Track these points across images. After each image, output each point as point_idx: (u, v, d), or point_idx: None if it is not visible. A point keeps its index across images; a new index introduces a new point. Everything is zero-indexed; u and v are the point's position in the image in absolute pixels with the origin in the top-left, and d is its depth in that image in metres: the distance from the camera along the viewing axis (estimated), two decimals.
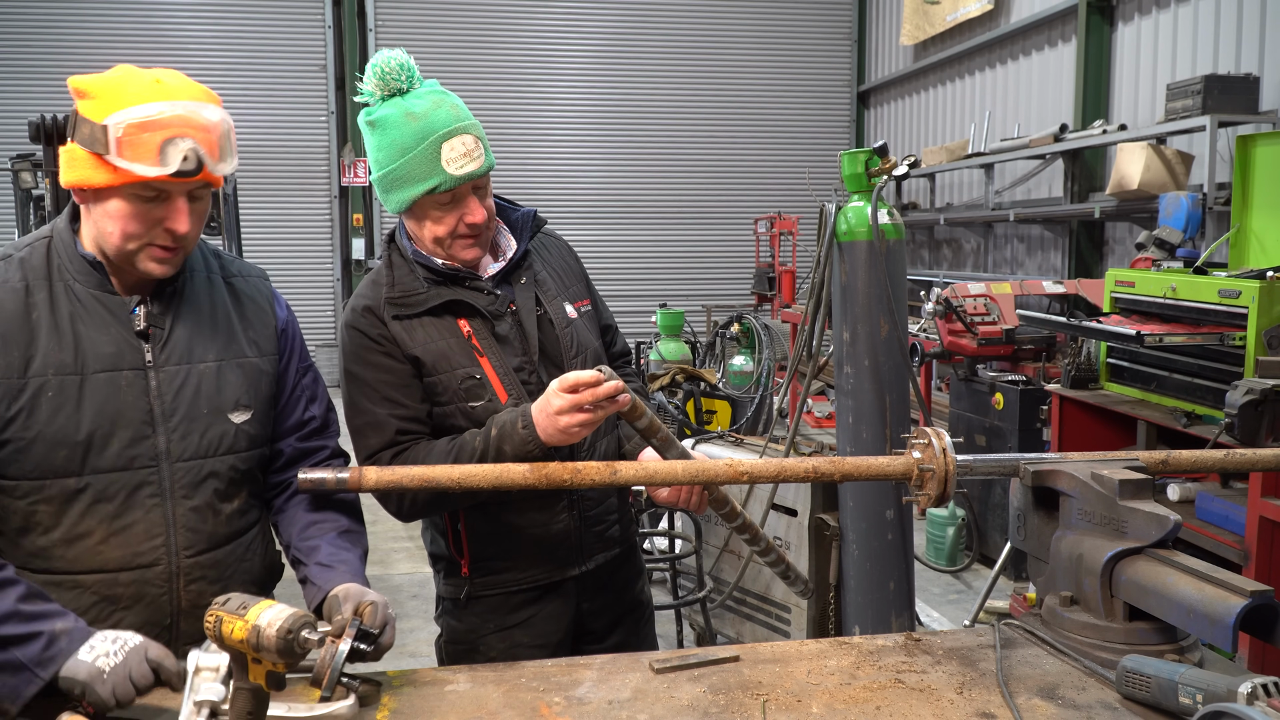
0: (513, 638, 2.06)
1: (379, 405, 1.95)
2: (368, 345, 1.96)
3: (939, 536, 5.55)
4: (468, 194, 1.94)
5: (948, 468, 1.73)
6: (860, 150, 3.05)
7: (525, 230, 2.10)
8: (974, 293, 5.89)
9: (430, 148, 1.88)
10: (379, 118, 1.93)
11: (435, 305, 1.97)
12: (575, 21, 12.73)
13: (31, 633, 1.45)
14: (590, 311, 2.17)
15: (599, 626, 2.18)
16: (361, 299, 2.00)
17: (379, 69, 1.92)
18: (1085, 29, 8.23)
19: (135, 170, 1.51)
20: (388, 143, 1.91)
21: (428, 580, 5.44)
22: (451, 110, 1.93)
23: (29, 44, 11.54)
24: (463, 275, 2.01)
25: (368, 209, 12.53)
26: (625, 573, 2.22)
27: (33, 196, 7.50)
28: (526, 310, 2.03)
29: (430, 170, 1.89)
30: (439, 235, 1.96)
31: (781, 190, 12.74)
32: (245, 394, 1.72)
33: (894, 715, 1.50)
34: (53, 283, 1.60)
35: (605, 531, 2.13)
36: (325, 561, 1.70)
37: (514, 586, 2.05)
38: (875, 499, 3.13)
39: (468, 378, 1.96)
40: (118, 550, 1.60)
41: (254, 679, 1.37)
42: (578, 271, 2.21)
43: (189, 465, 1.65)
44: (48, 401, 1.55)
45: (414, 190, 1.90)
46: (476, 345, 1.97)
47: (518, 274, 2.06)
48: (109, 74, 1.58)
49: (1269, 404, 2.91)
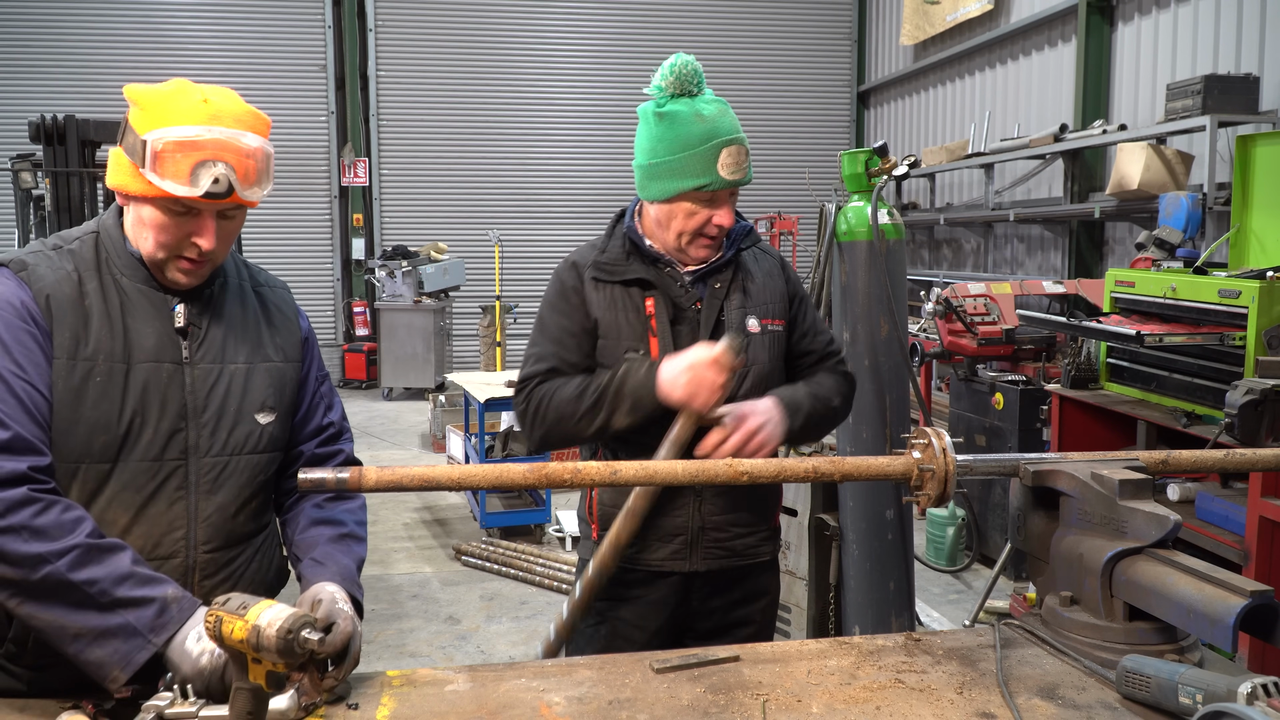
0: (617, 610, 2.17)
1: (548, 342, 2.16)
2: (560, 292, 2.18)
3: (939, 536, 5.55)
4: (725, 199, 2.09)
5: (948, 468, 1.73)
6: (860, 150, 3.05)
7: (737, 241, 2.20)
8: (974, 293, 5.89)
9: (712, 150, 2.03)
10: (670, 111, 2.07)
11: (631, 278, 2.13)
12: (574, 21, 12.74)
13: (146, 597, 1.48)
14: (778, 332, 2.21)
15: (704, 629, 2.23)
16: (575, 255, 2.22)
17: (676, 69, 2.07)
18: (1085, 29, 8.23)
19: (165, 187, 1.57)
20: (672, 135, 2.06)
21: (428, 580, 5.47)
22: (733, 121, 2.09)
23: (29, 44, 11.55)
24: (664, 262, 2.15)
25: (368, 209, 12.54)
26: (747, 588, 2.24)
27: (33, 196, 7.49)
28: (709, 311, 2.14)
29: (706, 169, 2.04)
30: (686, 229, 2.09)
31: (781, 190, 12.75)
32: (271, 396, 1.77)
33: (894, 715, 1.50)
34: (102, 274, 1.66)
35: (728, 541, 2.17)
36: (319, 559, 1.74)
37: (629, 564, 2.13)
38: (875, 499, 3.13)
39: (634, 349, 2.10)
40: (139, 540, 1.62)
41: (254, 679, 1.37)
42: (781, 291, 2.25)
43: (215, 461, 1.69)
44: (95, 386, 1.59)
45: (684, 184, 2.05)
46: (653, 326, 2.11)
47: (714, 278, 2.17)
48: (163, 87, 1.63)
49: (1269, 404, 2.91)
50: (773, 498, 2.28)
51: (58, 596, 1.45)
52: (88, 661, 1.46)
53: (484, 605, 5.06)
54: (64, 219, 5.94)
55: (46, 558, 1.44)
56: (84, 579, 1.45)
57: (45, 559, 1.44)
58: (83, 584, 1.45)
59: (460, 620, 4.88)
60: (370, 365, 11.67)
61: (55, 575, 1.44)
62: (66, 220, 5.91)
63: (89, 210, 5.99)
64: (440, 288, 11.24)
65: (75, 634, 1.45)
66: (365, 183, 12.39)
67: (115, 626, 1.45)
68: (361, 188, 12.42)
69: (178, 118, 1.58)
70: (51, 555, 1.44)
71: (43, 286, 1.59)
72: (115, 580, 1.46)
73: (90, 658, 1.45)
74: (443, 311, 11.26)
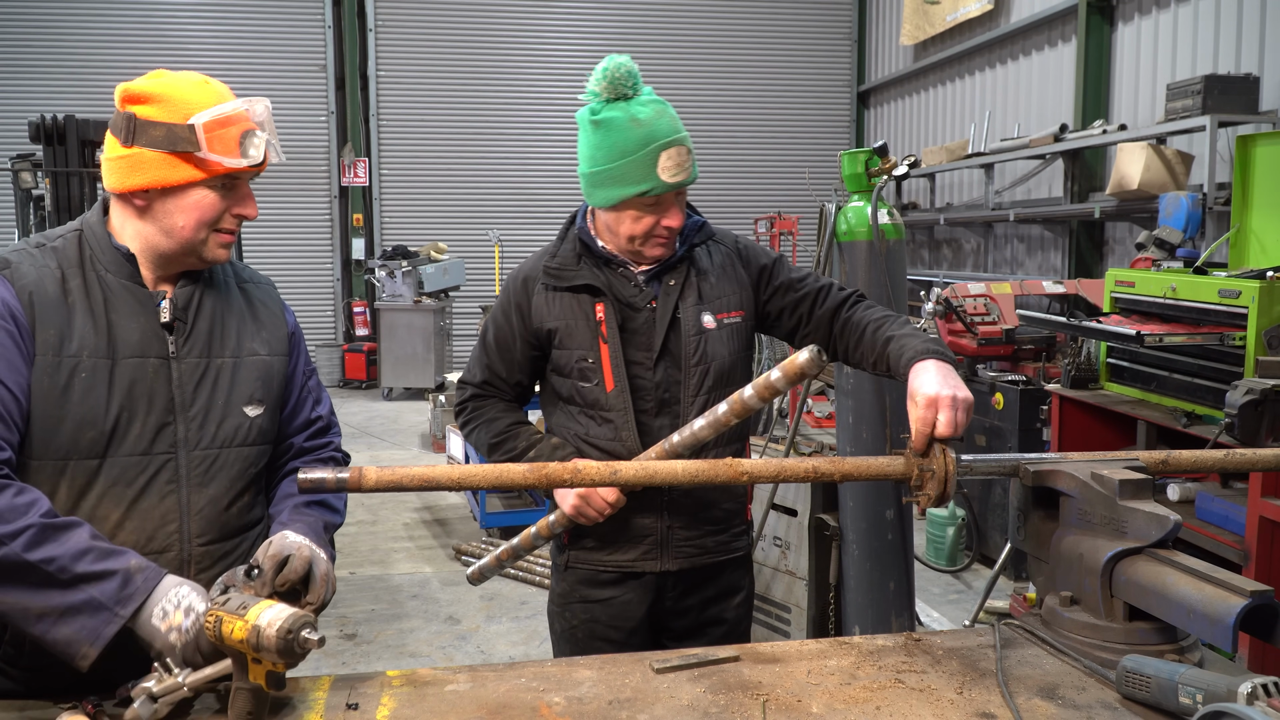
0: (593, 612, 2.19)
1: (484, 353, 2.24)
2: (503, 306, 2.22)
3: (939, 536, 5.55)
4: (671, 200, 2.08)
5: (948, 468, 1.73)
6: (860, 150, 3.05)
7: (690, 237, 2.19)
8: (974, 293, 5.89)
9: (650, 154, 2.01)
10: (605, 118, 2.05)
11: (578, 284, 2.12)
12: (574, 22, 12.74)
13: (108, 570, 1.47)
14: (737, 324, 2.20)
15: (680, 628, 2.24)
16: (524, 267, 2.23)
17: (609, 73, 2.03)
18: (1085, 29, 8.23)
19: (225, 163, 1.63)
20: (610, 143, 2.04)
21: (428, 580, 5.47)
22: (671, 121, 2.05)
23: (29, 44, 11.55)
24: (616, 263, 2.15)
25: (367, 209, 12.54)
26: (721, 585, 2.25)
27: (33, 196, 7.50)
28: (664, 310, 2.13)
29: (646, 175, 2.02)
30: (635, 233, 2.09)
31: (781, 190, 12.75)
32: (259, 389, 1.78)
33: (894, 715, 1.50)
34: (85, 271, 1.66)
35: (697, 538, 2.18)
36: (284, 520, 1.75)
37: (600, 565, 2.18)
38: (875, 499, 3.13)
39: (584, 359, 2.11)
40: (132, 535, 1.63)
41: (254, 679, 1.37)
42: (741, 280, 2.23)
43: (205, 454, 1.70)
44: (80, 382, 1.60)
45: (627, 191, 2.04)
46: (603, 332, 2.10)
47: (668, 275, 2.16)
48: (158, 79, 1.67)
49: (1269, 404, 2.91)
50: (742, 491, 2.28)
51: (17, 578, 1.44)
52: (56, 640, 1.45)
53: (484, 605, 5.06)
54: (64, 219, 5.94)
55: (1, 540, 1.43)
56: (41, 558, 1.44)
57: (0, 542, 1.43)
58: (40, 563, 1.44)
59: (460, 620, 4.88)
60: (370, 365, 11.67)
61: (11, 557, 1.43)
62: (67, 220, 5.89)
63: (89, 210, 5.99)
64: (440, 288, 11.24)
65: (39, 614, 1.45)
66: (365, 183, 12.39)
67: (79, 603, 1.45)
68: (361, 188, 12.42)
69: (203, 100, 1.64)
70: (5, 538, 1.43)
71: (25, 284, 1.60)
72: (74, 556, 1.46)
73: (58, 636, 1.45)
74: (443, 311, 11.26)
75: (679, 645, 2.15)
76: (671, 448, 2.01)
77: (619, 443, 2.10)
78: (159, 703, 1.41)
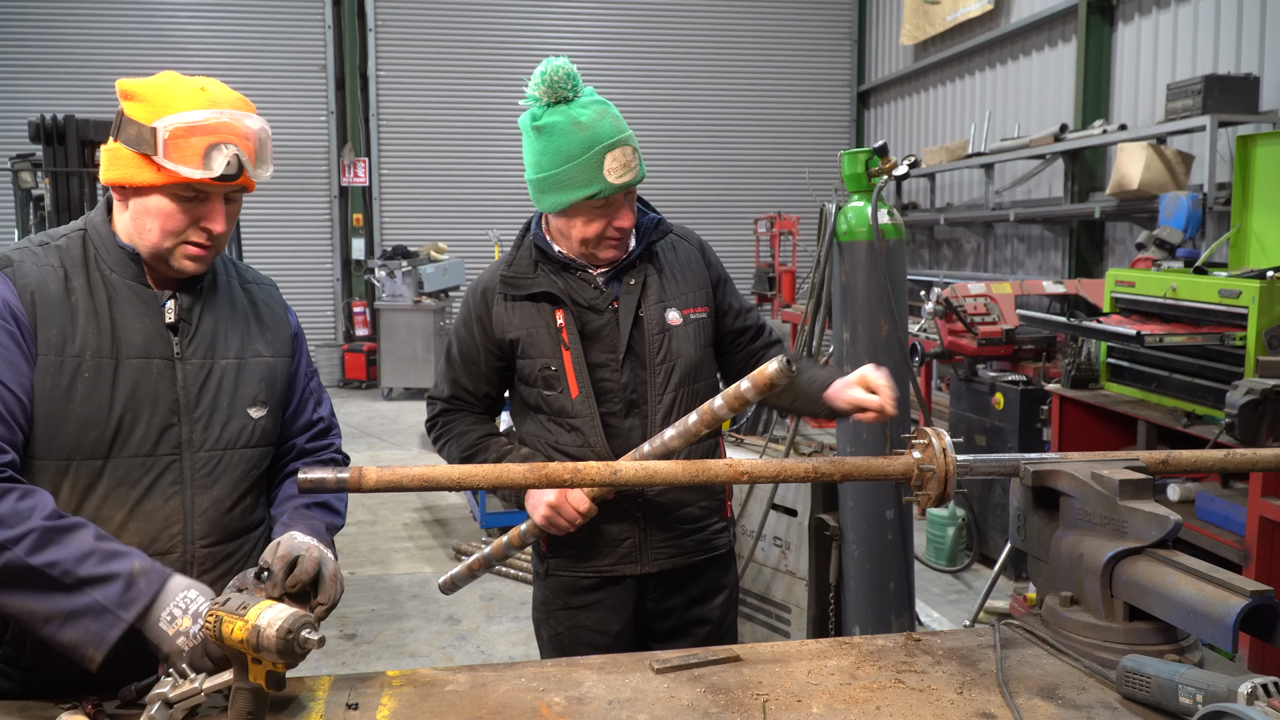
0: (576, 618, 2.19)
1: (449, 366, 2.23)
2: (464, 319, 2.20)
3: (939, 536, 5.55)
4: (621, 201, 2.06)
5: (948, 468, 1.73)
6: (860, 150, 3.05)
7: (646, 235, 2.18)
8: (974, 293, 5.89)
9: (594, 157, 2.00)
10: (547, 123, 2.03)
11: (536, 292, 2.11)
12: (575, 22, 12.74)
13: (111, 573, 1.47)
14: (703, 320, 2.20)
15: (664, 629, 2.23)
16: (482, 278, 2.22)
17: (547, 77, 2.02)
18: (1085, 29, 8.23)
19: (180, 172, 1.58)
20: (553, 148, 2.02)
21: (428, 580, 5.46)
22: (614, 122, 2.04)
23: (29, 44, 11.55)
24: (575, 267, 2.12)
25: (367, 209, 12.54)
26: (702, 584, 2.24)
27: (32, 196, 7.49)
28: (626, 310, 2.12)
29: (592, 178, 2.00)
30: (587, 236, 2.07)
31: (781, 190, 12.74)
32: (263, 390, 1.78)
33: (894, 715, 1.50)
34: (89, 270, 1.65)
35: (676, 539, 2.17)
36: (286, 522, 1.75)
37: (580, 572, 2.18)
38: (875, 499, 3.13)
39: (546, 367, 2.10)
40: (136, 536, 1.62)
41: (254, 679, 1.37)
42: (703, 277, 2.23)
43: (209, 455, 1.70)
44: (84, 382, 1.59)
45: (574, 195, 2.02)
46: (564, 339, 2.09)
47: (628, 274, 2.13)
48: (156, 79, 1.64)
49: (1269, 404, 2.91)
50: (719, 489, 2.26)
51: (22, 583, 1.44)
52: (63, 644, 1.45)
53: (484, 605, 5.06)
54: (64, 219, 5.94)
55: (4, 545, 1.43)
56: (45, 562, 1.44)
57: (3, 546, 1.43)
58: (44, 567, 1.44)
59: (460, 620, 4.88)
60: (370, 365, 11.67)
61: (15, 563, 1.43)
62: (66, 220, 5.89)
63: (89, 210, 5.99)
64: (440, 288, 11.25)
65: (45, 618, 1.45)
66: (365, 183, 12.39)
67: (84, 606, 1.45)
68: (361, 188, 12.42)
69: (181, 104, 1.59)
70: (9, 542, 1.43)
71: (28, 283, 1.59)
72: (77, 559, 1.46)
73: (64, 639, 1.45)
74: (443, 311, 11.26)
75: (664, 647, 2.15)
76: (642, 458, 1.99)
77: (588, 448, 2.09)
78: (175, 708, 1.41)
